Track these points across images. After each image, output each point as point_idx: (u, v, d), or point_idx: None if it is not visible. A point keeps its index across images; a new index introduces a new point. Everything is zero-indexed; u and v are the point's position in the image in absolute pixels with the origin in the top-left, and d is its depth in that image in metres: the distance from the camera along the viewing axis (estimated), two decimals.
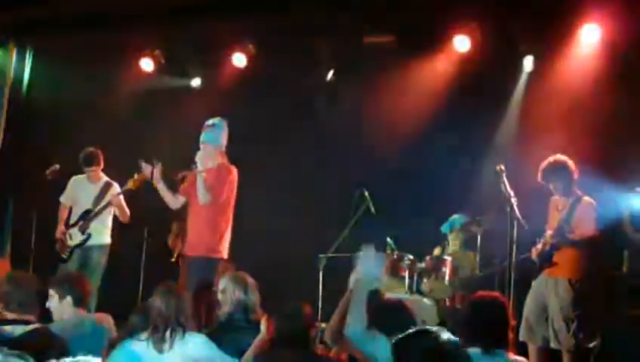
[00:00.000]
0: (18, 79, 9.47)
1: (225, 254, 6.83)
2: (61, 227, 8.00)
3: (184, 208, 6.98)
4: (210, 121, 6.87)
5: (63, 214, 8.08)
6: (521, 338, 6.31)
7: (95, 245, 8.00)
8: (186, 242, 6.87)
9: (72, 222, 8.05)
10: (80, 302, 4.97)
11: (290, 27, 8.64)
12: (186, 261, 6.78)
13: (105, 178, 8.15)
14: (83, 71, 9.20)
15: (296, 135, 9.15)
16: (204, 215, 6.71)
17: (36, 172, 8.31)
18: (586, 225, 6.38)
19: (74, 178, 8.17)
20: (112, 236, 8.13)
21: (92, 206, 8.03)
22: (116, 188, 8.10)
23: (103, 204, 7.97)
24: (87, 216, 7.99)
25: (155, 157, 6.86)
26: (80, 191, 8.09)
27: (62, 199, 8.15)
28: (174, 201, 6.86)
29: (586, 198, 6.49)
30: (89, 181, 8.10)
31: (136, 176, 7.43)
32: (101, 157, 8.09)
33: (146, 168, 6.82)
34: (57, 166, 8.09)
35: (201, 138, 6.81)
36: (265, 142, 9.19)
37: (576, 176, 6.52)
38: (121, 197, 7.97)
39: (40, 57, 9.51)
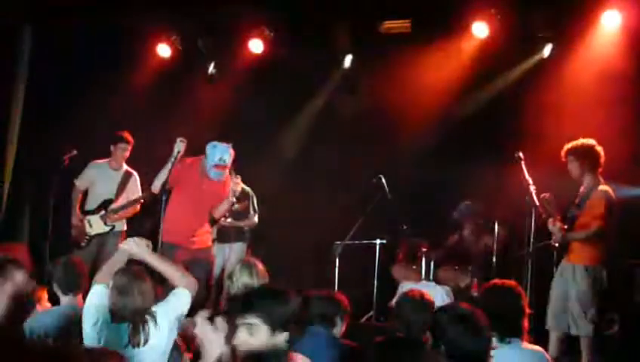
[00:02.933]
0: (33, 65, 9.48)
1: None
2: (77, 213, 7.99)
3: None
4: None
5: (77, 197, 8.07)
6: (547, 327, 6.28)
7: (112, 231, 8.04)
8: (185, 234, 6.84)
9: (90, 208, 8.05)
10: None
11: (307, 13, 8.59)
12: (194, 252, 6.83)
13: (125, 166, 8.16)
14: (99, 57, 9.20)
15: (313, 121, 9.13)
16: (208, 212, 7.03)
17: (53, 157, 8.33)
18: (594, 211, 6.31)
19: (94, 162, 8.16)
20: None
21: (114, 195, 8.04)
22: (136, 177, 8.14)
23: (132, 199, 8.01)
24: (109, 206, 8.00)
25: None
26: (100, 176, 8.06)
27: (77, 182, 8.10)
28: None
29: (603, 187, 6.40)
30: (110, 168, 8.10)
31: None
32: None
33: None
34: (75, 151, 8.10)
35: (218, 156, 6.94)
36: (281, 128, 9.18)
37: (598, 162, 6.42)
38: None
39: (56, 43, 9.52)
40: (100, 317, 4.16)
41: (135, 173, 8.19)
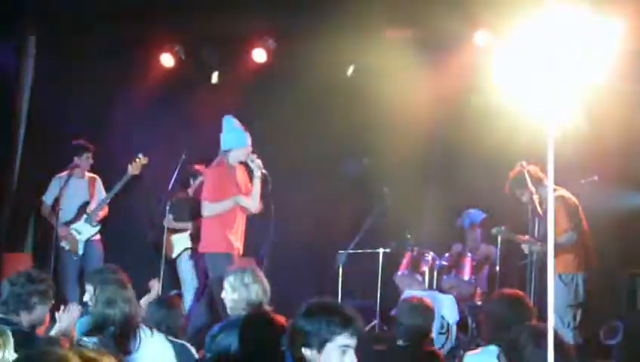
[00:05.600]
0: (37, 76, 9.49)
1: None
2: (60, 225, 7.97)
3: None
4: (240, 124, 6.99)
5: (49, 213, 8.11)
6: None
7: (92, 234, 8.16)
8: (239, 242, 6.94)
9: (69, 218, 8.08)
10: None
11: (310, 22, 8.60)
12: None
13: (87, 173, 8.27)
14: (103, 66, 9.22)
15: (316, 131, 9.13)
16: (244, 214, 6.99)
17: (57, 168, 8.36)
18: (558, 224, 6.40)
19: (58, 176, 8.19)
20: None
21: (88, 199, 8.17)
22: (99, 180, 8.31)
23: (113, 191, 8.12)
24: (87, 209, 8.12)
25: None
26: (68, 188, 8.04)
27: (45, 198, 8.19)
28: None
29: (556, 194, 6.49)
30: (76, 177, 8.13)
31: (136, 161, 7.93)
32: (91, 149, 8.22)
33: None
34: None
35: (249, 140, 6.94)
36: (284, 138, 9.18)
37: (537, 176, 6.52)
38: None
39: (59, 54, 9.53)
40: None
41: (97, 177, 8.34)
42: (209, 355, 4.28)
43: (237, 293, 4.72)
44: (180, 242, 8.27)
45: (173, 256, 8.28)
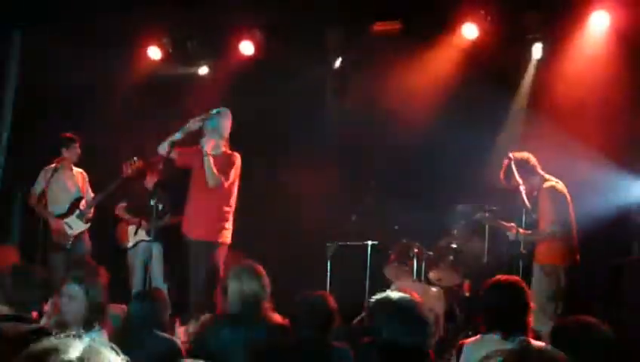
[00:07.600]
0: (24, 68, 9.42)
1: (229, 240, 7.01)
2: (52, 218, 8.04)
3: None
4: (214, 110, 7.09)
5: (36, 205, 8.11)
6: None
7: (82, 230, 8.20)
8: (188, 224, 6.97)
9: (61, 211, 8.12)
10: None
11: (298, 14, 8.59)
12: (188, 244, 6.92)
13: (75, 168, 8.31)
14: (91, 59, 9.16)
15: (304, 123, 9.12)
16: (210, 199, 6.91)
17: (44, 161, 8.32)
18: (545, 215, 6.43)
19: (46, 168, 8.19)
20: None
21: (78, 193, 8.19)
22: (85, 175, 8.37)
23: (106, 191, 8.14)
24: (79, 205, 8.16)
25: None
26: (57, 180, 8.10)
27: (34, 190, 8.18)
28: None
29: (545, 185, 6.53)
30: (66, 169, 8.18)
31: (131, 164, 7.96)
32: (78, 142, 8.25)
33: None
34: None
35: (207, 125, 6.99)
36: (272, 129, 9.16)
37: (529, 164, 6.55)
38: None
39: (47, 45, 9.46)
40: None
41: (84, 172, 8.40)
42: (210, 349, 4.25)
43: (236, 288, 4.70)
44: (133, 233, 8.41)
45: (129, 245, 8.42)
